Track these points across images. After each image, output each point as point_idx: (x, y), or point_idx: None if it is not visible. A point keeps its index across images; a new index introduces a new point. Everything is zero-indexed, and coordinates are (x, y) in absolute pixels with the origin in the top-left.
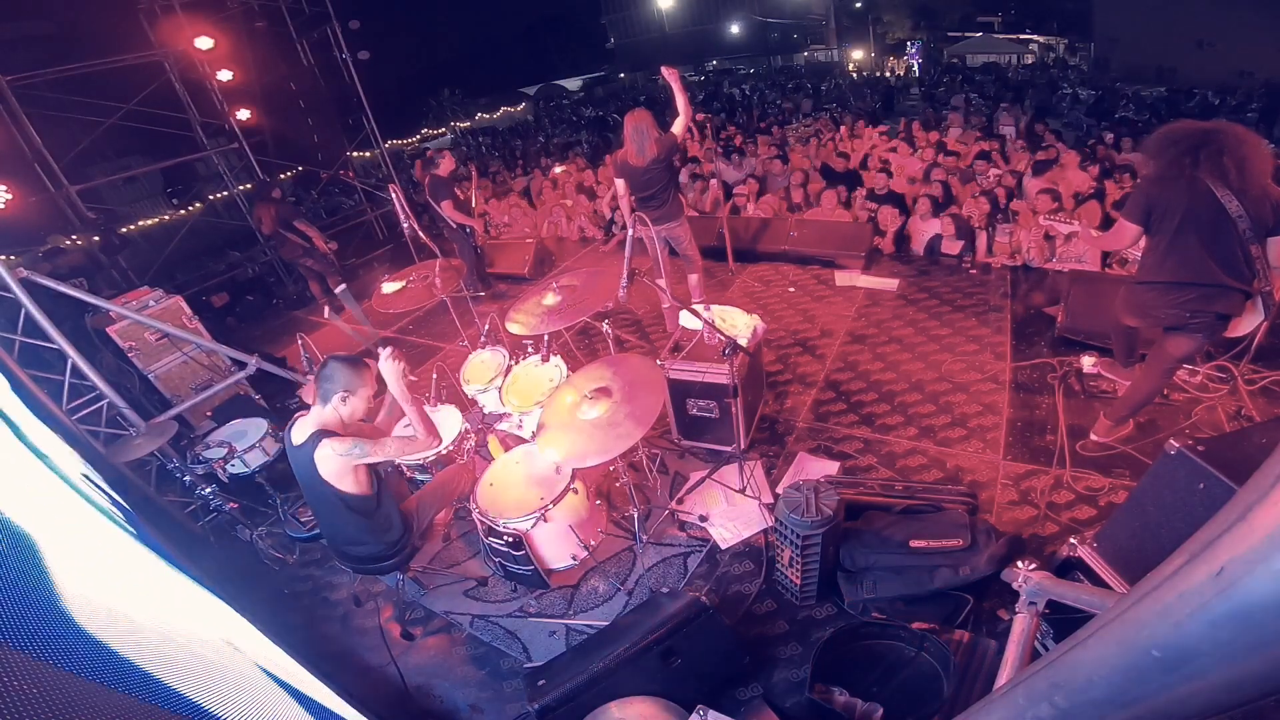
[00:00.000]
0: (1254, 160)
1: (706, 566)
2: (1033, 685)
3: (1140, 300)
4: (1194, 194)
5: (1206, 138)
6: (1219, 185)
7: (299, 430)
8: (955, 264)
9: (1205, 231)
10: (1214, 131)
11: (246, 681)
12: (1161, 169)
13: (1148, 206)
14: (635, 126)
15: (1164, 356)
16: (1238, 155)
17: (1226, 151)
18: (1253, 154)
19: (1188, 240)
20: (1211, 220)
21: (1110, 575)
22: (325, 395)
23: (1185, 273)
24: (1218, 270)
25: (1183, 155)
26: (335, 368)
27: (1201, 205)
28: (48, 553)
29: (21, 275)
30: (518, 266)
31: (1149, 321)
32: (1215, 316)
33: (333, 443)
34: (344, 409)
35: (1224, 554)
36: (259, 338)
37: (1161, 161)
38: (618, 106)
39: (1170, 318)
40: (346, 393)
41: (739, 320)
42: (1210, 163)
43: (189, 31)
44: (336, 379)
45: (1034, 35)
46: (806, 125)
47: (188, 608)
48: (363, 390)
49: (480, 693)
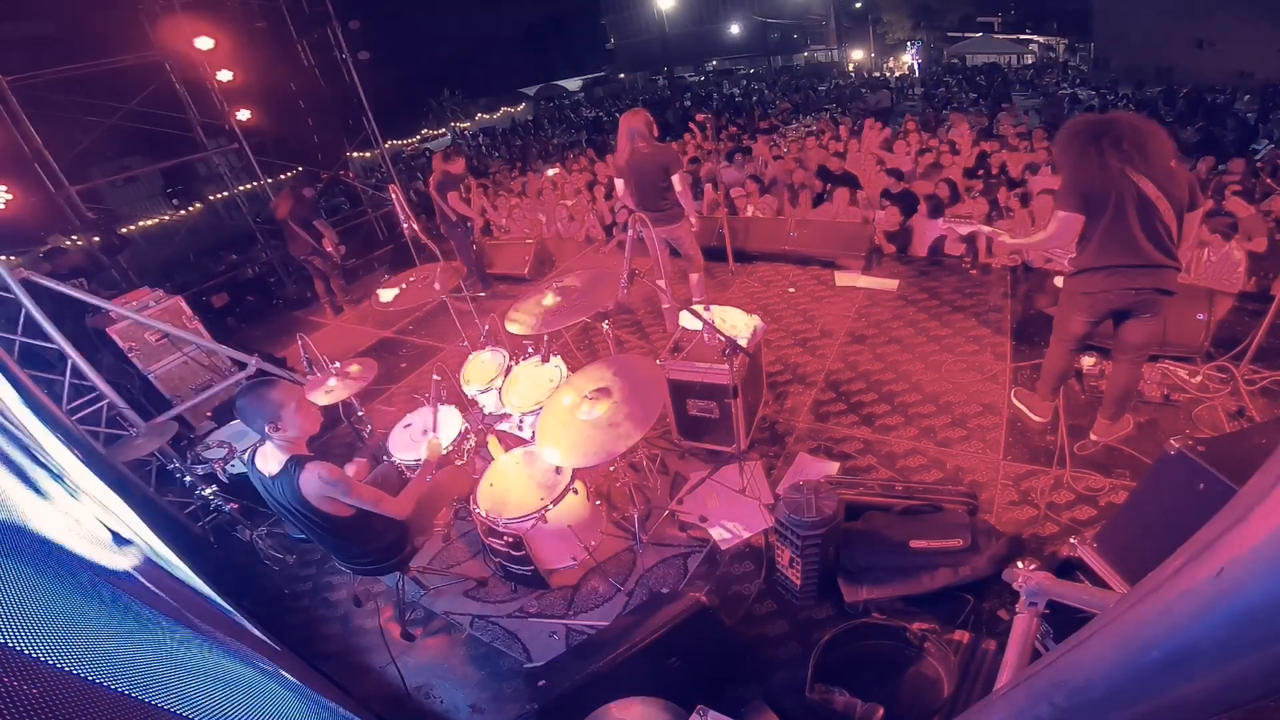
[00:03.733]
0: (1153, 143)
1: (706, 567)
2: (1033, 685)
3: (1087, 287)
4: (1114, 179)
5: (1104, 126)
6: (1130, 169)
7: (266, 461)
8: (956, 264)
9: (1133, 212)
10: (1109, 120)
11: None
12: (1074, 159)
13: (1082, 194)
14: (628, 128)
15: (1125, 347)
16: (1136, 139)
17: (1125, 137)
18: (1151, 138)
19: (1120, 222)
20: (1135, 201)
21: (1110, 575)
22: (268, 423)
23: (1124, 254)
24: (1150, 248)
25: (1086, 145)
26: (248, 403)
27: (1124, 188)
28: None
29: (21, 275)
30: (518, 266)
31: (1099, 309)
32: (1157, 292)
33: (320, 469)
34: (289, 433)
35: (1224, 554)
36: (259, 338)
37: (1071, 153)
38: (618, 107)
39: (1118, 299)
40: (273, 420)
41: (739, 320)
42: (1114, 149)
43: (189, 31)
44: (256, 414)
45: (1034, 35)
46: (807, 125)
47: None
48: (285, 407)
49: (480, 693)
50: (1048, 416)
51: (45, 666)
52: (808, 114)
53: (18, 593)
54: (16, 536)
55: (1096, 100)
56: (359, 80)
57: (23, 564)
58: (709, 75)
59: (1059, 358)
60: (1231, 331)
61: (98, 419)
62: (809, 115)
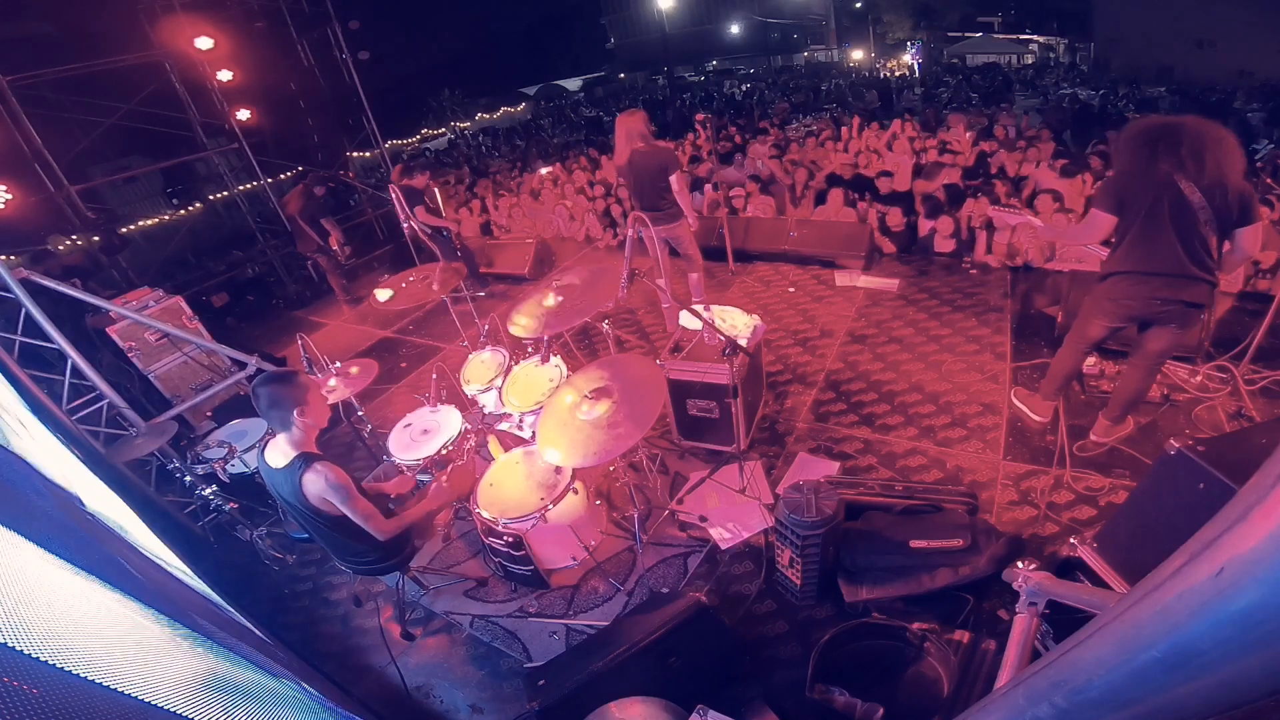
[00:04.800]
0: (1213, 152)
1: (706, 567)
2: (1033, 685)
3: (1112, 292)
4: (1158, 185)
5: (1164, 130)
6: (1180, 176)
7: (275, 454)
8: (955, 264)
9: (1171, 221)
10: (1175, 125)
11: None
12: (1123, 159)
13: (1119, 196)
14: (626, 129)
15: (1145, 353)
16: (1195, 147)
17: (1184, 144)
18: (1212, 146)
19: (1155, 230)
20: (1176, 210)
21: (1110, 575)
22: (283, 420)
23: (1154, 262)
24: (1184, 259)
25: (1141, 147)
26: (274, 391)
27: (1166, 195)
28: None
29: (21, 275)
30: (518, 266)
31: (1121, 316)
32: (1184, 305)
33: (328, 471)
34: (307, 420)
35: (1224, 554)
36: (259, 338)
37: (1123, 153)
38: (618, 106)
39: (1142, 308)
40: (299, 405)
41: (739, 320)
42: (1169, 154)
43: (189, 31)
44: (283, 400)
45: (1034, 35)
46: (807, 125)
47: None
48: (310, 394)
49: (480, 693)
50: (1048, 416)
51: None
52: (807, 114)
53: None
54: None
55: (1096, 100)
56: (359, 80)
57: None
58: (709, 75)
59: (1069, 358)
60: (1231, 331)
61: (98, 419)
62: (809, 115)
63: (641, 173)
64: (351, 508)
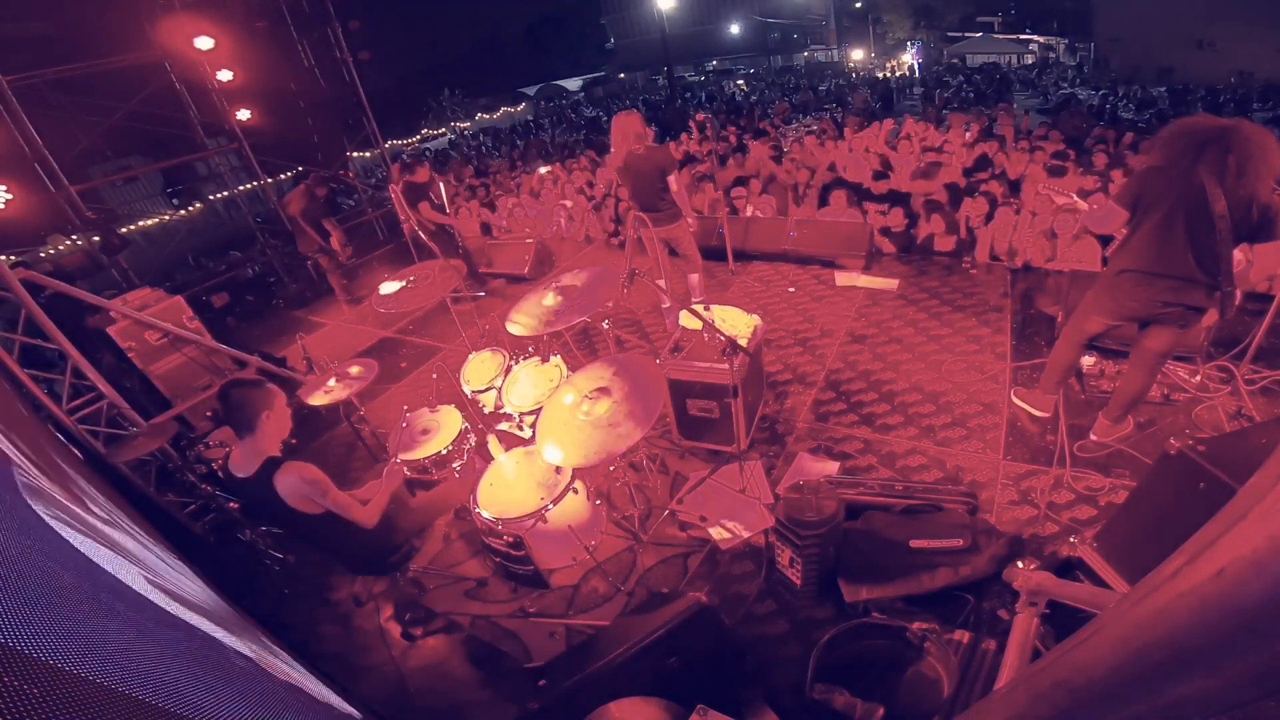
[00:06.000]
0: (1256, 163)
1: (706, 566)
2: (1033, 685)
3: (1116, 289)
4: (1186, 187)
5: (1220, 134)
6: (1214, 183)
7: (239, 466)
8: (955, 264)
9: (1187, 226)
10: (1230, 129)
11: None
12: (1163, 157)
13: (1138, 193)
14: (622, 130)
15: (1145, 352)
16: (1242, 155)
17: (1233, 150)
18: (1257, 156)
19: (1169, 232)
20: (1195, 216)
21: (1110, 575)
22: (248, 423)
23: (1162, 264)
24: (1192, 264)
25: (1186, 148)
26: (242, 394)
27: (1189, 199)
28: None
29: (22, 275)
30: (518, 266)
31: (1121, 314)
32: (1185, 308)
33: (300, 469)
34: (272, 426)
35: (1224, 554)
36: (259, 338)
37: (1168, 150)
38: (618, 106)
39: (1143, 309)
40: (267, 409)
41: (739, 320)
42: (1213, 158)
43: (189, 31)
44: (250, 402)
45: (1034, 35)
46: (807, 126)
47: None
48: (277, 400)
49: (480, 693)
50: (1050, 411)
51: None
52: (807, 114)
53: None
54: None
55: (1096, 100)
56: (359, 80)
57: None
58: (709, 75)
59: (1066, 351)
60: (1231, 331)
61: (98, 419)
62: (809, 115)
63: (639, 174)
64: (332, 502)
